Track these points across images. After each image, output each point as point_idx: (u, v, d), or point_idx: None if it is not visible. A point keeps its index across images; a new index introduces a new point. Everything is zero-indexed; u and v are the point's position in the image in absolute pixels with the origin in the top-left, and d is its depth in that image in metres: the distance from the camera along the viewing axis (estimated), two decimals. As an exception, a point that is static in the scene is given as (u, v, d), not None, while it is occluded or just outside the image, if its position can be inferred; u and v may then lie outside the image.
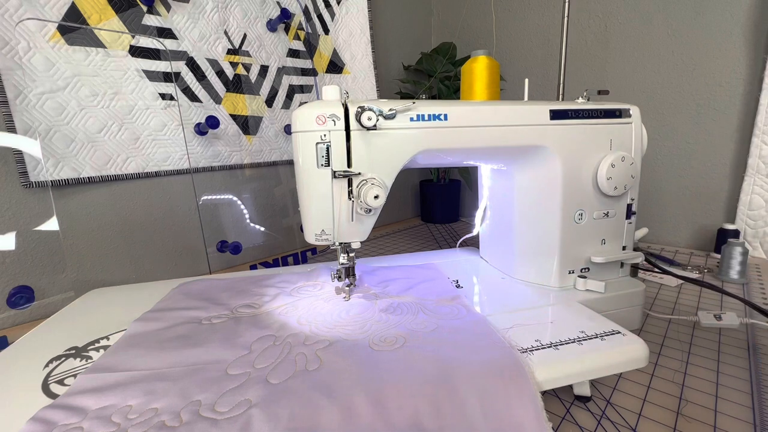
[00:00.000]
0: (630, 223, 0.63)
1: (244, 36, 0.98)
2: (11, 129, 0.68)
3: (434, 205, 1.48)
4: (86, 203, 0.79)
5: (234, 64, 0.97)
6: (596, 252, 0.61)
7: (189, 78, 0.89)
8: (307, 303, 0.57)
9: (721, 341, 0.61)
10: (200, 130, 0.91)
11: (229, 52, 0.96)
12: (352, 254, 0.58)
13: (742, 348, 0.59)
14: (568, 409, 0.47)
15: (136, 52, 0.81)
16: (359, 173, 0.50)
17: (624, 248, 0.63)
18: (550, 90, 1.30)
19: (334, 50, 1.19)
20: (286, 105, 1.09)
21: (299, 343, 0.45)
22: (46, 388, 0.39)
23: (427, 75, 1.41)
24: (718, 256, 0.92)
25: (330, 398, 0.35)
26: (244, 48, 0.98)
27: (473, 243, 0.83)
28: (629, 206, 0.62)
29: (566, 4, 0.91)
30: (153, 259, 0.89)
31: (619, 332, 0.47)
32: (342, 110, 0.49)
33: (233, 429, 0.32)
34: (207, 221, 0.96)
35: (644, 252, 0.94)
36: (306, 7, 1.10)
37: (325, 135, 0.49)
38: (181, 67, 0.88)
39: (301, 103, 0.86)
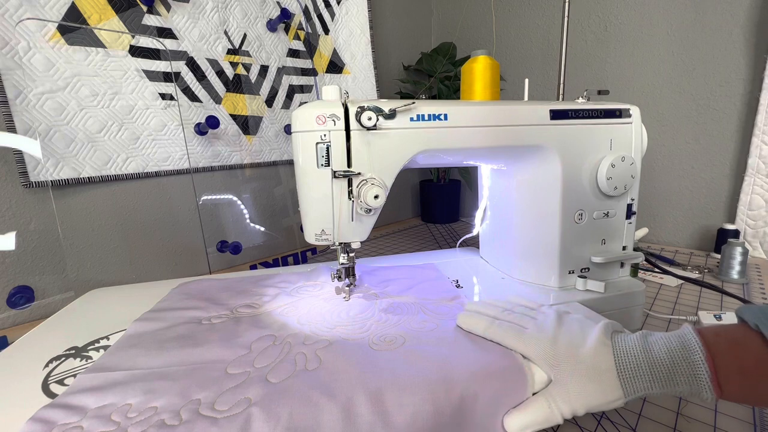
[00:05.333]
0: (630, 223, 0.63)
1: (244, 36, 0.98)
2: (11, 129, 0.68)
3: (434, 205, 1.49)
4: (86, 203, 0.79)
5: (234, 64, 0.97)
6: (596, 252, 0.61)
7: (189, 78, 0.90)
8: (308, 303, 0.57)
9: (721, 341, 0.61)
10: (200, 130, 0.91)
11: (229, 52, 0.96)
12: (352, 254, 0.58)
13: (742, 348, 0.59)
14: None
15: (136, 52, 0.81)
16: (359, 173, 0.50)
17: (624, 248, 0.63)
18: (550, 90, 1.30)
19: (334, 50, 1.19)
20: (286, 105, 1.09)
21: (299, 343, 0.45)
22: (46, 388, 0.39)
23: (427, 75, 1.41)
24: (718, 256, 0.92)
25: (329, 397, 0.35)
26: (244, 48, 0.98)
27: (473, 243, 0.83)
28: (629, 206, 0.62)
29: (566, 4, 0.91)
30: (153, 259, 0.90)
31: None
32: (342, 110, 0.49)
33: (233, 428, 0.32)
34: (207, 221, 0.96)
35: (644, 252, 0.94)
36: (306, 7, 1.10)
37: (325, 135, 0.49)
38: (181, 67, 0.88)
39: (301, 103, 0.86)
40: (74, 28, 0.74)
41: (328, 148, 0.49)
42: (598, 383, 0.35)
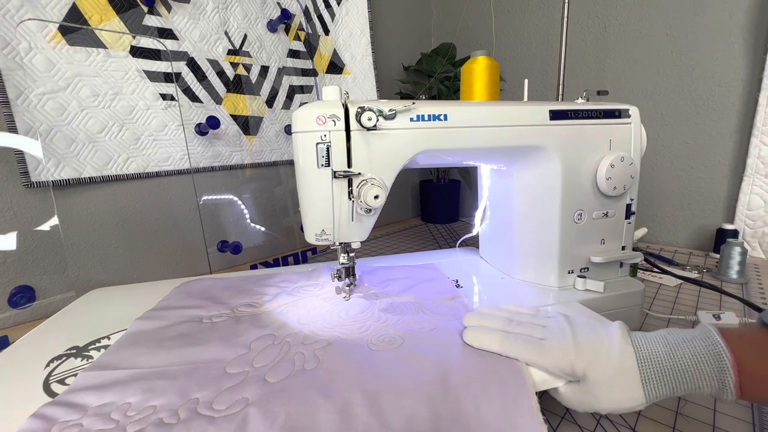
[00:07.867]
0: (629, 223, 0.63)
1: (245, 36, 0.98)
2: (12, 129, 0.68)
3: (434, 205, 1.49)
4: (87, 203, 0.80)
5: (234, 65, 0.97)
6: (595, 252, 0.62)
7: (189, 78, 0.90)
8: (308, 302, 0.57)
9: (720, 341, 0.61)
10: (201, 130, 0.91)
11: (230, 52, 0.96)
12: (352, 254, 0.58)
13: (741, 348, 0.59)
14: (568, 408, 0.47)
15: (136, 52, 0.82)
16: (359, 173, 0.51)
17: (623, 248, 0.63)
18: (550, 90, 1.30)
19: (335, 51, 1.19)
20: (287, 105, 1.09)
21: (298, 343, 0.45)
22: (47, 388, 0.39)
23: (427, 75, 1.41)
24: (717, 256, 0.92)
25: (327, 398, 0.35)
26: (244, 48, 0.98)
27: (473, 243, 0.83)
28: (628, 206, 0.62)
29: (566, 5, 0.91)
30: (154, 258, 0.90)
31: (617, 332, 0.46)
32: (342, 110, 0.49)
33: (230, 427, 0.32)
34: (207, 221, 0.97)
35: (643, 252, 0.94)
36: (306, 7, 1.10)
37: (325, 135, 0.49)
38: (181, 67, 0.88)
39: (301, 104, 0.86)
40: (75, 28, 0.74)
41: (328, 149, 0.49)
42: (624, 388, 0.35)
